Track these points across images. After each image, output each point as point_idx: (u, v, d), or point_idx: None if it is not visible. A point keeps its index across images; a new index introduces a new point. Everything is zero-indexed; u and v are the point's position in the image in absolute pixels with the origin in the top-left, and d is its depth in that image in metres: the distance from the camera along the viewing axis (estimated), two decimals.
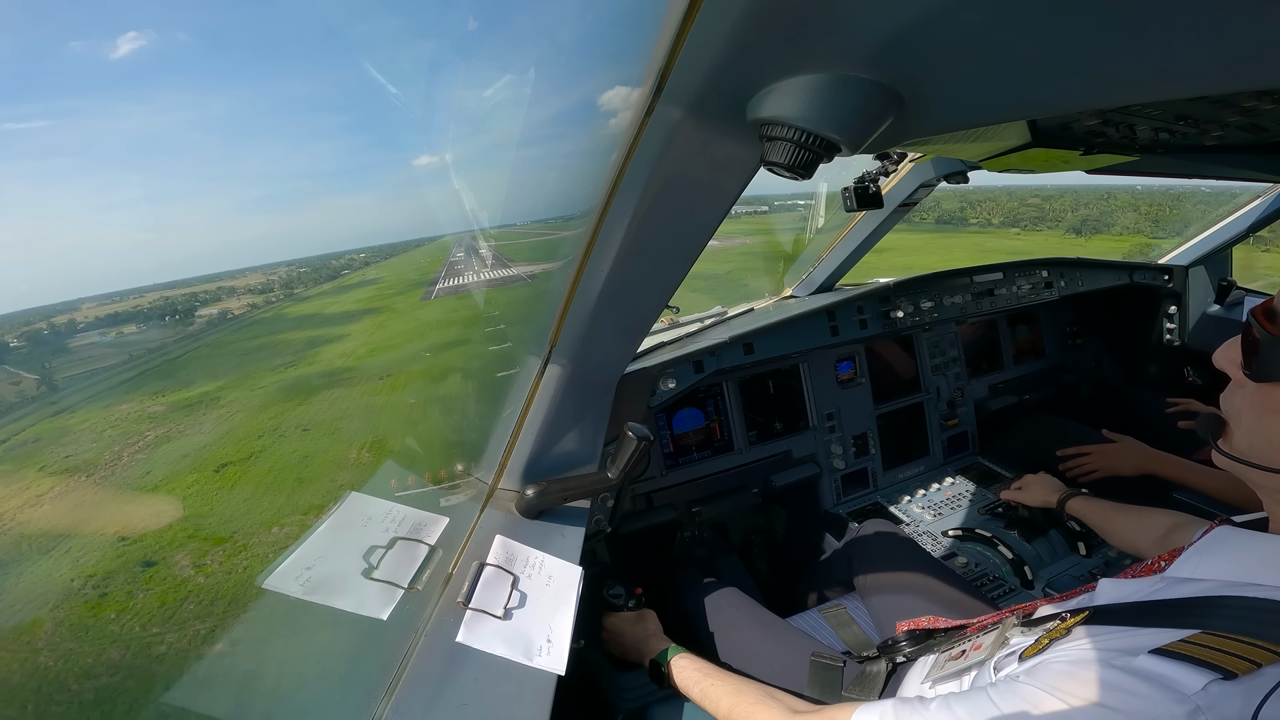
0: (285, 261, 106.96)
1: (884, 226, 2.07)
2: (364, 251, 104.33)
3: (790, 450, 2.06)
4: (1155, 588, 0.74)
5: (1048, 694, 0.62)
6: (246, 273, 78.94)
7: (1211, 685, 0.54)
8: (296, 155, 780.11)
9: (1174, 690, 0.55)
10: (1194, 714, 0.54)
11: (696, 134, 0.71)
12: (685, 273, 1.07)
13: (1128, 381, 2.68)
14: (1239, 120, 0.85)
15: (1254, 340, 0.66)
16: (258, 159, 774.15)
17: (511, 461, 1.27)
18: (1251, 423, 0.69)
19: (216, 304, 59.43)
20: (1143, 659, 0.59)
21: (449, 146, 1.45)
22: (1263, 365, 0.66)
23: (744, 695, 0.97)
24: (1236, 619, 0.61)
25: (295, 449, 14.53)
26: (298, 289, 68.14)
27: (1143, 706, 0.56)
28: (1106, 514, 1.34)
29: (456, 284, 36.55)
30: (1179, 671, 0.56)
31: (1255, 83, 0.51)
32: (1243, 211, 2.32)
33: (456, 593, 0.97)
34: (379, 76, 69.32)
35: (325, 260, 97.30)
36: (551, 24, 0.83)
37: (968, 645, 0.94)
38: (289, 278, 73.26)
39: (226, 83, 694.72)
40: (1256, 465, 0.68)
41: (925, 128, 0.65)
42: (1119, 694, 0.58)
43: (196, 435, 18.05)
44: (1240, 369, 0.69)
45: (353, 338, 32.13)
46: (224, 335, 46.93)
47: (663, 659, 1.12)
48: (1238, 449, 0.71)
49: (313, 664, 0.96)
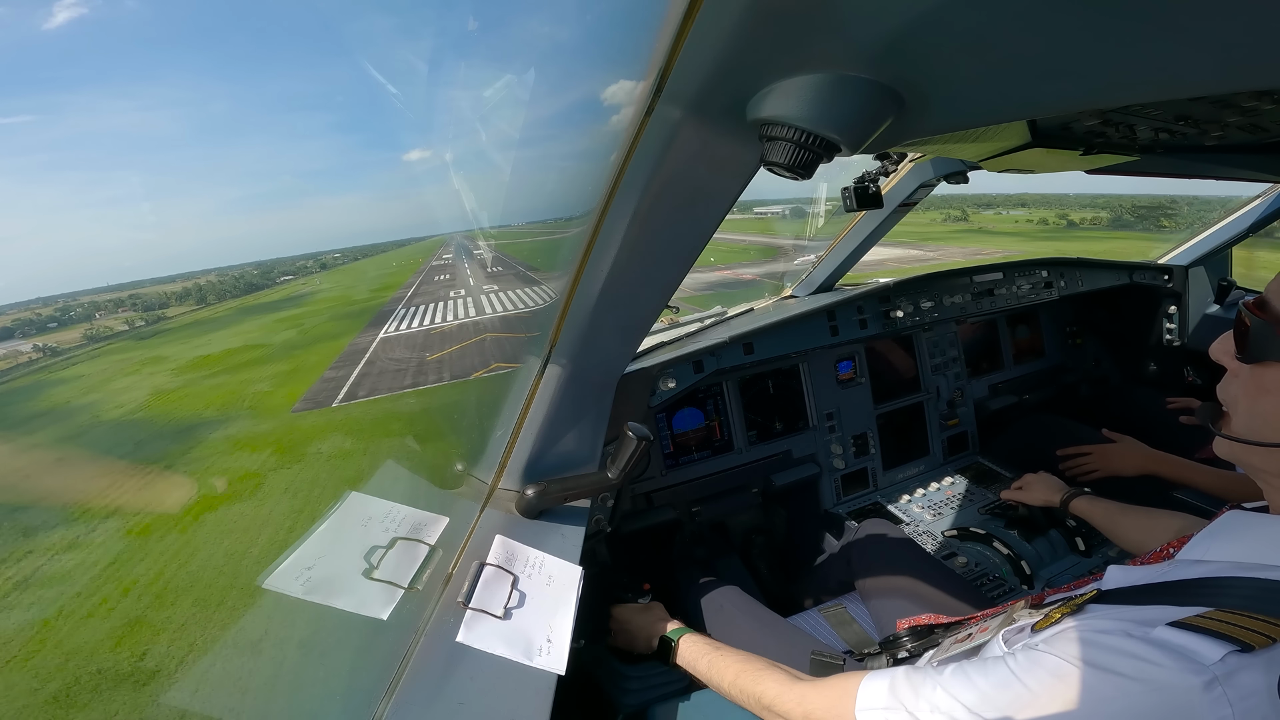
0: (219, 268, 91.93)
1: (884, 226, 2.07)
2: (339, 252, 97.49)
3: (790, 450, 2.06)
4: (1165, 570, 0.75)
5: (1068, 663, 0.62)
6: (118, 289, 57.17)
7: (1230, 657, 0.55)
8: (283, 153, 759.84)
9: (1193, 660, 0.56)
10: (1211, 684, 0.54)
11: (696, 134, 0.71)
12: (685, 273, 1.07)
13: (1127, 381, 2.68)
14: (1239, 120, 0.85)
15: (1245, 328, 0.70)
16: (249, 156, 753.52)
17: (511, 461, 1.27)
18: (1249, 405, 0.71)
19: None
20: (1161, 630, 0.59)
21: (447, 146, 1.45)
22: (1254, 348, 0.69)
23: (750, 663, 0.99)
24: (1249, 598, 0.62)
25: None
26: (170, 310, 47.21)
27: (1161, 675, 0.56)
28: (1113, 515, 1.34)
29: (425, 309, 27.91)
30: (1197, 643, 0.56)
31: (1255, 83, 0.51)
32: (1243, 211, 2.32)
33: (456, 592, 0.97)
34: (377, 76, 60.62)
35: (276, 264, 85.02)
36: (551, 23, 0.83)
37: (974, 629, 0.94)
38: (154, 298, 54.04)
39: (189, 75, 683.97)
40: (1257, 443, 0.70)
41: (925, 128, 0.66)
42: (1138, 663, 0.58)
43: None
44: (1234, 357, 0.72)
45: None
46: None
47: (673, 637, 1.15)
48: (1237, 433, 0.73)
49: (313, 664, 0.96)
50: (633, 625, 1.24)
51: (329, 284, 66.97)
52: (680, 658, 1.12)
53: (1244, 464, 0.74)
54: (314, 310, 40.90)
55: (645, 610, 1.26)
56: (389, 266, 74.56)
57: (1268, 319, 0.68)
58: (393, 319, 27.85)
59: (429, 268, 57.63)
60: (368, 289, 49.07)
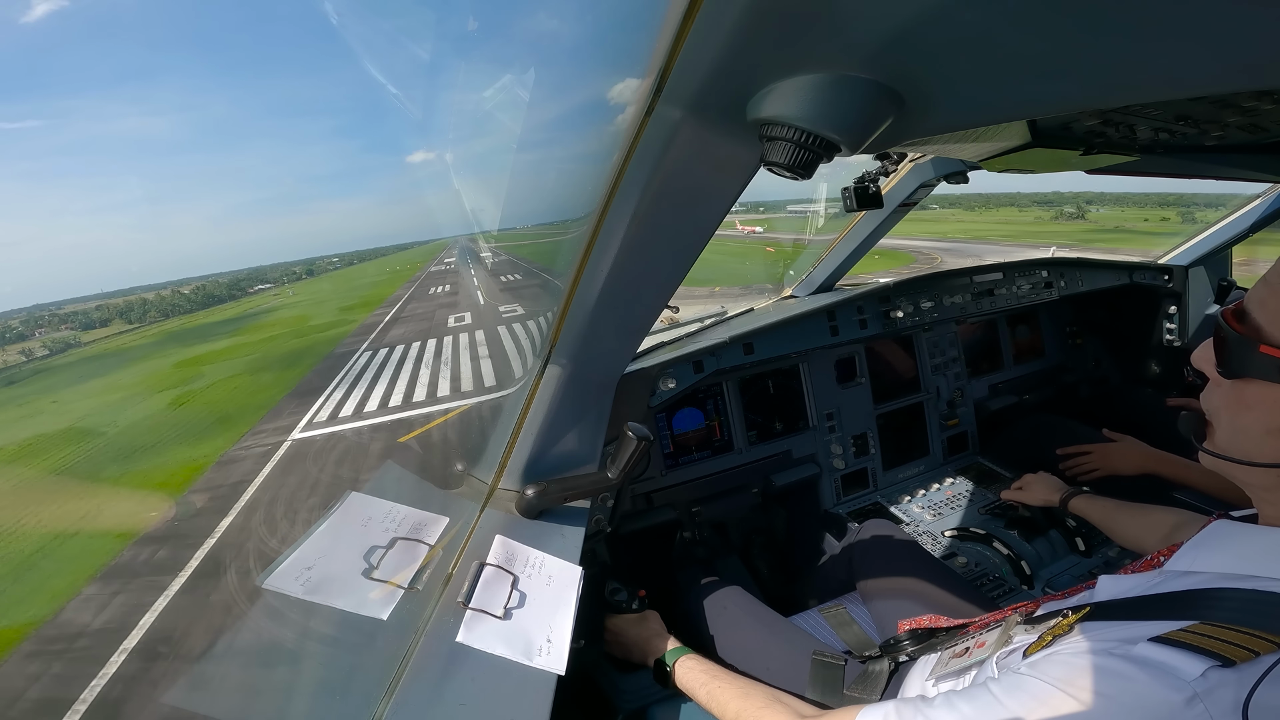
0: (201, 276, 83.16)
1: (884, 226, 2.07)
2: (337, 257, 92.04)
3: (790, 450, 2.06)
4: (1154, 582, 0.74)
5: (1049, 685, 0.62)
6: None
7: (1210, 672, 0.54)
8: (291, 157, 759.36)
9: (1173, 676, 0.55)
10: (1192, 700, 0.54)
11: (696, 134, 0.71)
12: (685, 273, 1.07)
13: (1127, 381, 2.68)
14: (1239, 120, 0.85)
15: (1223, 339, 0.68)
16: (255, 159, 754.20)
17: (511, 461, 1.27)
18: (1230, 419, 0.70)
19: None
20: (1142, 646, 0.59)
21: (447, 148, 1.45)
22: (1233, 363, 0.67)
23: (751, 699, 0.97)
24: (1234, 610, 0.62)
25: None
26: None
27: (1142, 692, 0.56)
28: (1110, 512, 1.34)
29: (394, 360, 15.48)
30: (1178, 658, 0.56)
31: (1255, 83, 0.51)
32: (1243, 211, 2.32)
33: (456, 593, 0.97)
34: (378, 76, 55.85)
35: (273, 269, 75.93)
36: (551, 24, 0.83)
37: (971, 643, 0.94)
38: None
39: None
40: (1238, 461, 0.69)
41: (925, 128, 0.66)
42: (1118, 681, 0.58)
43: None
44: (1214, 368, 0.70)
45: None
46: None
47: (668, 660, 1.12)
48: (1220, 446, 0.72)
49: (313, 664, 0.96)
50: (627, 638, 1.22)
51: (302, 296, 57.94)
52: (678, 683, 1.10)
53: (1230, 476, 0.73)
54: (246, 344, 30.08)
55: (640, 621, 1.24)
56: (366, 277, 62.86)
57: (1247, 332, 0.65)
58: (333, 387, 14.78)
59: (425, 276, 49.81)
60: (337, 307, 38.56)
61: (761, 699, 0.97)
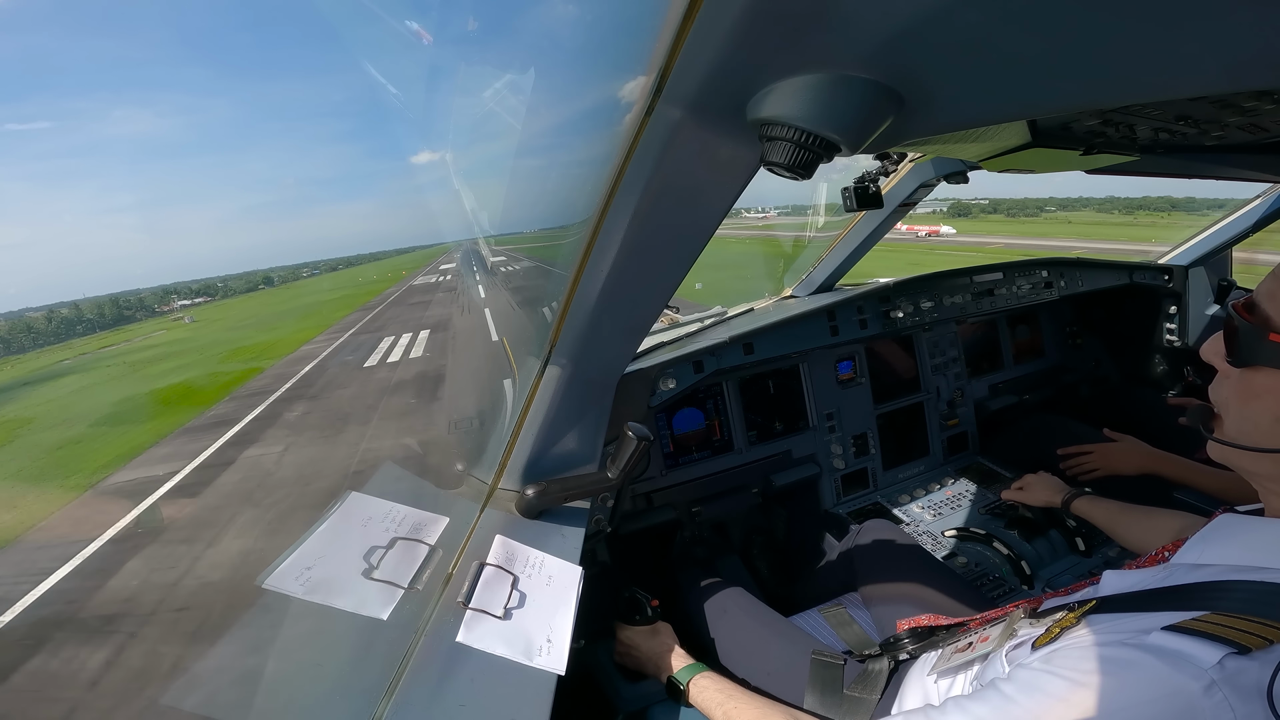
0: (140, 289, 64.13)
1: (884, 226, 2.07)
2: (322, 264, 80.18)
3: (790, 450, 2.06)
4: (1161, 576, 0.74)
5: (1063, 678, 0.61)
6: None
7: (1227, 659, 0.54)
8: (291, 161, 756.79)
9: (1190, 664, 0.55)
10: (1210, 688, 0.53)
11: (696, 134, 0.71)
12: (685, 273, 1.07)
13: (1128, 381, 2.68)
14: (1239, 120, 0.85)
15: (1234, 330, 0.70)
16: (259, 163, 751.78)
17: (511, 461, 1.27)
18: (1239, 409, 0.71)
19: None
20: (1156, 635, 0.59)
21: (445, 149, 1.45)
22: (1243, 352, 0.69)
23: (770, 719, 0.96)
24: (1245, 601, 0.61)
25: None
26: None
27: (1158, 680, 0.55)
28: (1114, 514, 1.34)
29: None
30: (1193, 646, 0.56)
31: (1255, 83, 0.51)
32: (1243, 211, 2.32)
33: (456, 593, 0.97)
34: (378, 78, 54.21)
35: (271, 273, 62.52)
36: (551, 24, 0.83)
37: (974, 638, 0.93)
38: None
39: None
40: (1249, 448, 0.70)
41: (925, 128, 0.66)
42: (1133, 670, 0.57)
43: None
44: (1224, 359, 0.72)
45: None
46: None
47: (681, 679, 1.10)
48: (1229, 436, 0.73)
49: (313, 664, 0.96)
50: (640, 652, 1.20)
51: (203, 323, 41.82)
52: (692, 701, 1.08)
53: (1237, 467, 0.74)
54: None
55: (653, 634, 1.22)
56: (317, 294, 47.23)
57: (1256, 322, 0.67)
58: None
59: (401, 292, 36.37)
60: (220, 353, 23.05)
61: (779, 719, 0.96)
